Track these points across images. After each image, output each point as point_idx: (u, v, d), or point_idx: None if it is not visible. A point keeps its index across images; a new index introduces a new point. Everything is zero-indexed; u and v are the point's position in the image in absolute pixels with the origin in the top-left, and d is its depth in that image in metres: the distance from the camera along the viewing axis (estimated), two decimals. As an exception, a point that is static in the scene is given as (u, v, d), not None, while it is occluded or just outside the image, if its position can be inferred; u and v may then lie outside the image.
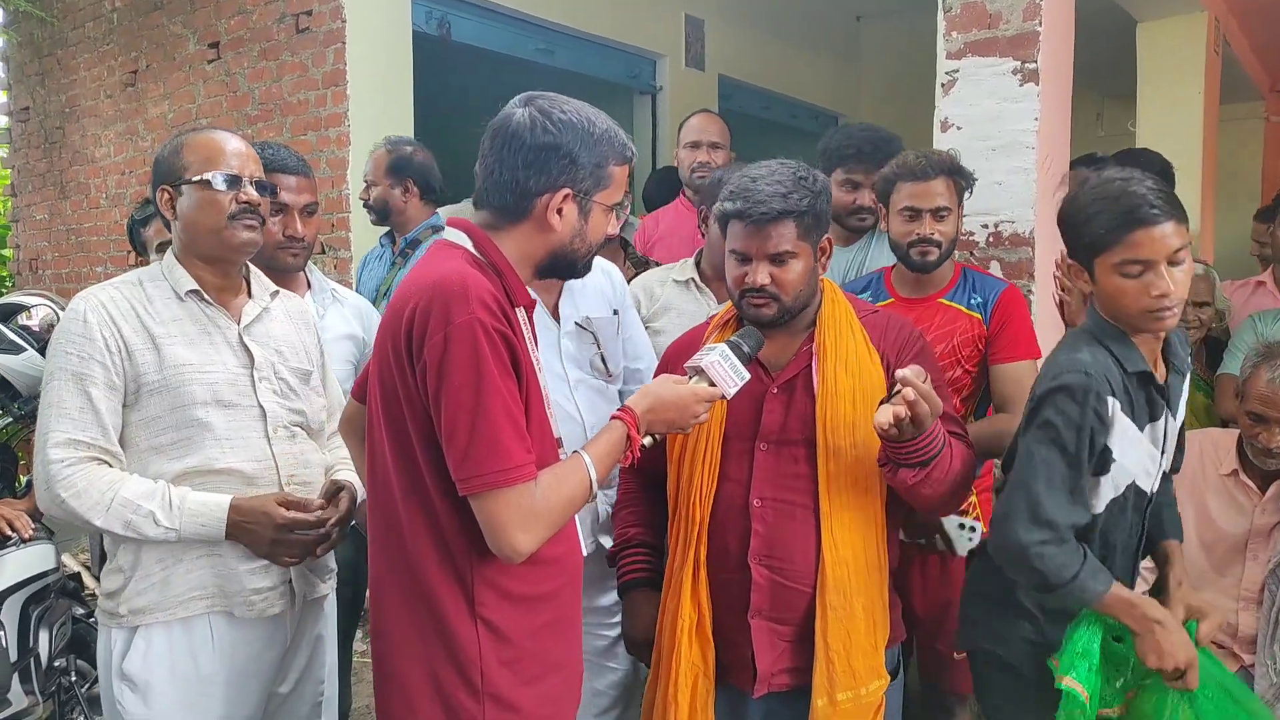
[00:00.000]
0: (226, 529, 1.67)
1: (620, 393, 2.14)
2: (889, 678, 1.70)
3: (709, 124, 3.23)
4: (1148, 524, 1.78)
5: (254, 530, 1.69)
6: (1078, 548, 1.60)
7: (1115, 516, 1.69)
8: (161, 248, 2.64)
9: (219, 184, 1.73)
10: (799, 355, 1.74)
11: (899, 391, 1.49)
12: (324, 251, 4.01)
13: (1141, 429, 1.65)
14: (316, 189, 2.31)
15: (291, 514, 1.71)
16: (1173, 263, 1.56)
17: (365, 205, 3.14)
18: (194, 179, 1.73)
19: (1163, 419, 1.68)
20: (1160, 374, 1.69)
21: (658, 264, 2.81)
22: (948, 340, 2.23)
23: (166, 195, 1.76)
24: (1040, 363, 2.23)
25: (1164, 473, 1.77)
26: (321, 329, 2.04)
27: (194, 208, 1.74)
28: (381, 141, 3.14)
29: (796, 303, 1.72)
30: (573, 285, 2.06)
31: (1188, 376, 1.76)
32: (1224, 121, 5.13)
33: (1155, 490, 1.74)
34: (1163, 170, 3.29)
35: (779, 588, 1.67)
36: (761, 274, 1.68)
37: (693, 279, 2.48)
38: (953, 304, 2.26)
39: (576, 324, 2.06)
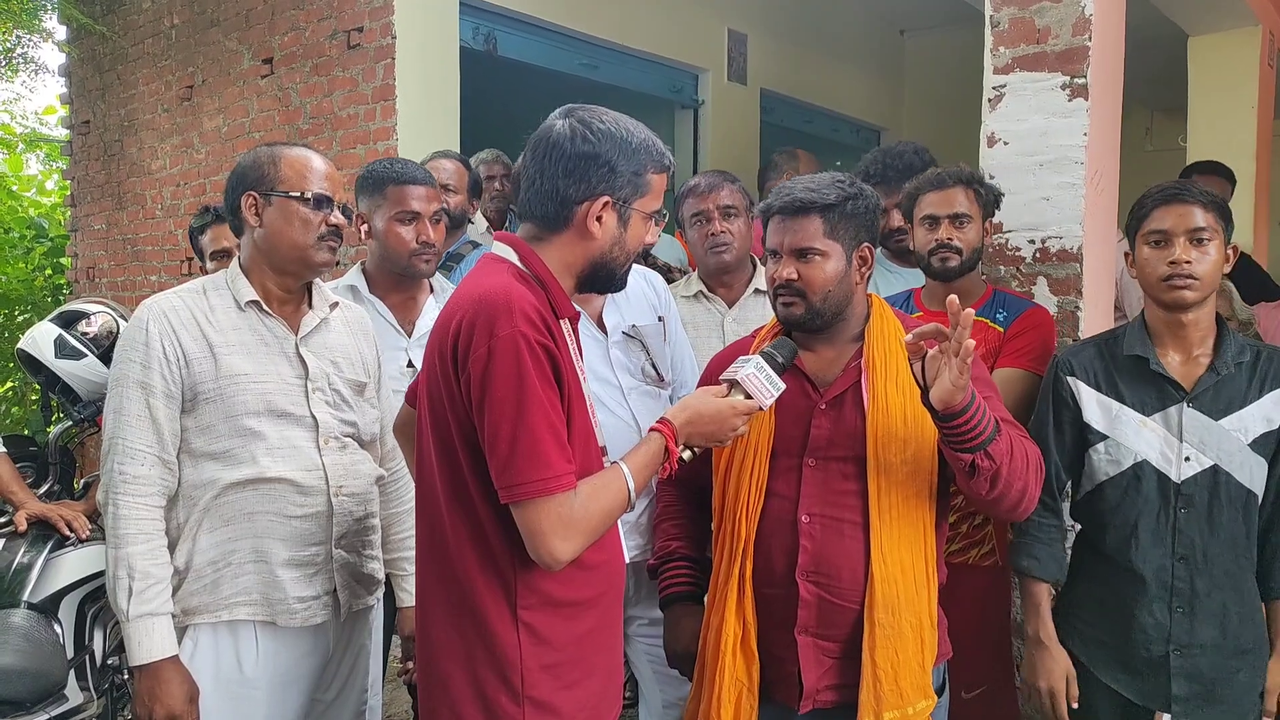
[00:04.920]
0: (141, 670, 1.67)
1: (671, 398, 2.15)
2: (935, 697, 1.67)
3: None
4: (1230, 531, 1.79)
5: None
6: (1043, 523, 1.92)
7: (1130, 497, 1.83)
8: (215, 255, 2.71)
9: (315, 203, 1.78)
10: (847, 371, 1.73)
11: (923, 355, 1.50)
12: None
13: (1148, 415, 1.82)
14: (440, 198, 2.40)
15: None
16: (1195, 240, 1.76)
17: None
18: (291, 193, 1.77)
19: (1176, 410, 1.81)
20: (1175, 364, 1.83)
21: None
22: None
23: (252, 201, 1.79)
24: (1033, 378, 2.20)
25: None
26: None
27: (283, 220, 1.78)
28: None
29: (827, 305, 1.70)
30: (616, 295, 2.08)
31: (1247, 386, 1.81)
32: (1278, 136, 5.02)
33: (1186, 482, 1.79)
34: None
35: (827, 604, 1.65)
36: (787, 269, 1.69)
37: (700, 291, 2.54)
38: (980, 319, 2.23)
39: (624, 333, 2.09)
